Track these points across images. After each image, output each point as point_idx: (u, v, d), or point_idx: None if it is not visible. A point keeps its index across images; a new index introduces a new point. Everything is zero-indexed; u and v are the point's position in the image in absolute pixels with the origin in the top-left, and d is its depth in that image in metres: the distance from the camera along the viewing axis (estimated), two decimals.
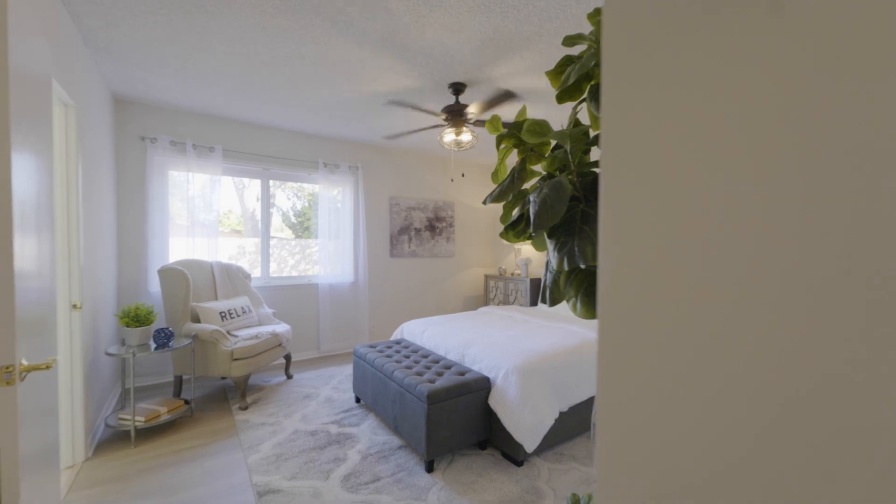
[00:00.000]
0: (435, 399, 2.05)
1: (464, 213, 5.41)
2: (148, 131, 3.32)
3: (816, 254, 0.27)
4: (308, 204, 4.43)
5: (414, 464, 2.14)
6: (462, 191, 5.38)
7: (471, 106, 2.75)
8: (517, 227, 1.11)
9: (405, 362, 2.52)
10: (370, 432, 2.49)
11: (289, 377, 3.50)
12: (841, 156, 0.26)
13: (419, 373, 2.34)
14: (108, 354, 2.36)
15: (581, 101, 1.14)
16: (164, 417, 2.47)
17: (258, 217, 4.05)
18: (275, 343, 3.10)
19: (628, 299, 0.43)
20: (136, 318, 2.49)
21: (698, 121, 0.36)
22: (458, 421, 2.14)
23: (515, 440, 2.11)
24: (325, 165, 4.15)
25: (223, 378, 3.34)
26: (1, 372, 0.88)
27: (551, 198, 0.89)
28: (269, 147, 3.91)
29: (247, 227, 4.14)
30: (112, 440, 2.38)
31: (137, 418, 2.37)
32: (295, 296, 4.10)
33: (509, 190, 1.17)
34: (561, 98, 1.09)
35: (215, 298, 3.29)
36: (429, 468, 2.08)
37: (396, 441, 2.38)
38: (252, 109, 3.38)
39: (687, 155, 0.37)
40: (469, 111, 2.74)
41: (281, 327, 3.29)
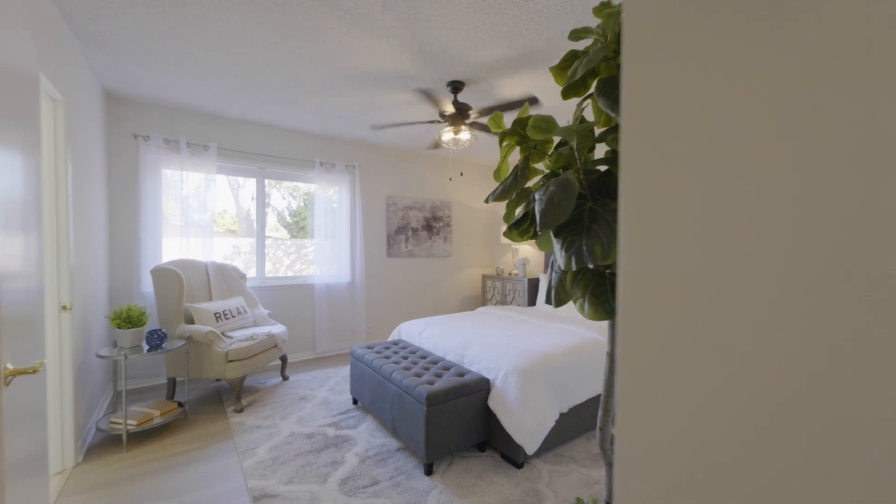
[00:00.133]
0: (434, 401, 2.02)
1: (461, 213, 5.38)
2: (141, 129, 3.26)
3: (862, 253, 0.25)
4: (304, 204, 4.38)
5: (413, 466, 2.11)
6: (459, 190, 5.35)
7: (472, 108, 2.72)
8: (521, 226, 1.09)
9: (403, 363, 2.49)
10: (368, 434, 2.46)
11: (285, 379, 3.45)
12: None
13: (418, 374, 2.31)
14: (100, 357, 2.30)
15: (586, 97, 1.12)
16: (157, 421, 2.42)
17: (253, 216, 4.00)
18: (270, 344, 3.06)
19: (652, 300, 0.41)
20: (128, 320, 2.44)
21: (735, 112, 0.33)
22: (458, 423, 2.11)
23: (515, 442, 2.09)
24: (322, 164, 4.11)
25: (218, 380, 3.29)
26: None
27: (558, 195, 0.87)
28: (265, 146, 3.86)
29: (242, 227, 4.08)
30: (103, 444, 2.33)
31: (129, 422, 2.32)
32: (291, 296, 4.06)
33: (512, 188, 1.15)
34: (566, 94, 1.07)
35: (210, 299, 3.24)
36: (428, 471, 2.05)
37: (395, 443, 2.35)
38: (248, 107, 3.33)
39: (720, 150, 0.35)
40: (471, 112, 2.71)
41: (277, 328, 3.24)
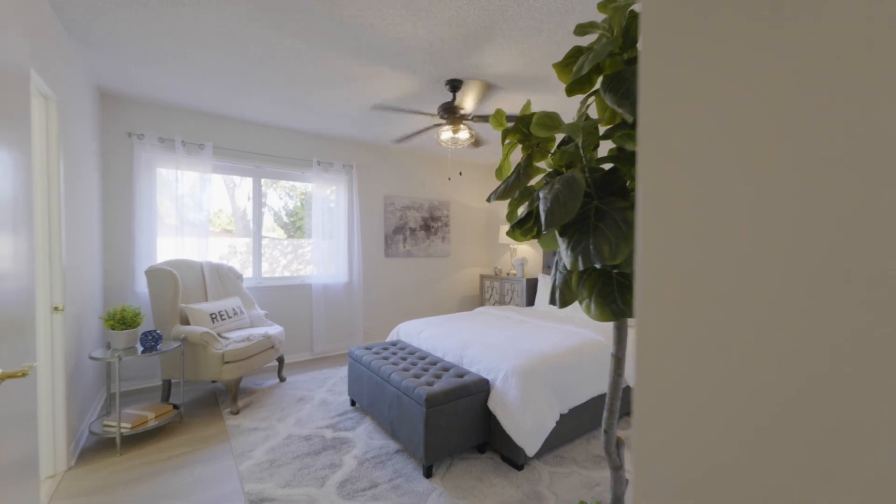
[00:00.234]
0: (434, 402, 2.00)
1: (459, 213, 5.36)
2: (135, 127, 3.21)
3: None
4: (300, 203, 4.35)
5: (412, 469, 2.09)
6: (457, 190, 5.33)
7: (467, 101, 2.69)
8: (525, 225, 1.07)
9: (402, 364, 2.47)
10: (366, 436, 2.43)
11: (282, 380, 3.42)
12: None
13: (417, 375, 2.28)
14: (93, 358, 2.26)
15: (591, 94, 1.10)
16: (152, 423, 2.38)
17: (249, 216, 3.96)
18: (267, 345, 3.02)
19: (671, 300, 0.39)
20: (122, 321, 2.40)
21: (762, 106, 0.31)
22: (458, 424, 2.09)
23: (515, 443, 2.07)
24: (319, 164, 4.07)
25: (213, 382, 3.25)
26: None
27: (564, 194, 0.84)
28: (262, 145, 3.82)
29: (238, 227, 4.04)
30: (96, 448, 2.29)
31: (123, 425, 2.28)
32: (288, 296, 4.02)
33: (515, 187, 1.13)
34: (571, 90, 1.05)
35: (205, 299, 3.20)
36: (427, 473, 2.02)
37: (393, 445, 2.33)
38: (244, 106, 3.29)
39: (744, 145, 0.33)
40: (466, 109, 2.69)
41: (273, 329, 3.21)
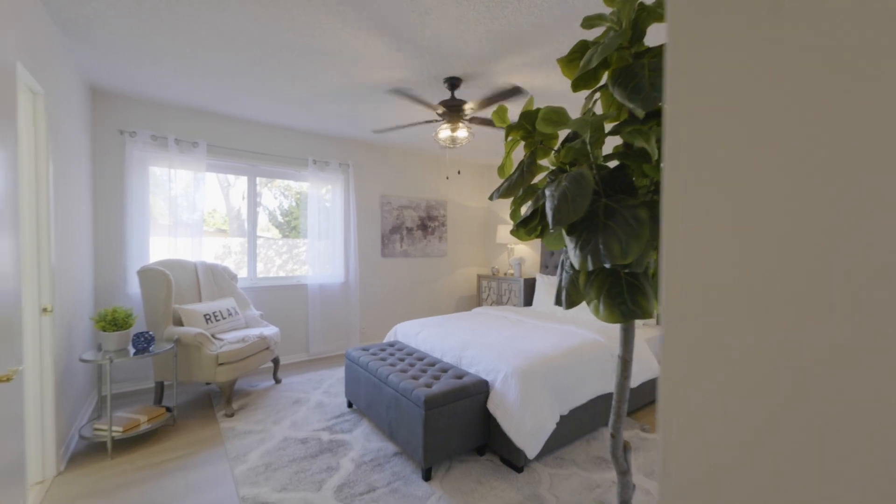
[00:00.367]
0: (432, 404, 1.97)
1: (456, 212, 5.33)
2: (127, 125, 3.15)
3: None
4: (295, 203, 4.30)
5: (410, 472, 2.06)
6: (455, 189, 5.30)
7: (468, 102, 2.67)
8: (530, 224, 1.04)
9: (400, 365, 2.43)
10: (364, 439, 2.40)
11: (277, 381, 3.37)
12: None
13: (415, 376, 2.25)
14: (83, 361, 2.21)
15: (597, 90, 1.07)
16: (144, 427, 2.33)
17: (244, 216, 3.90)
18: (262, 346, 2.98)
19: (700, 303, 0.37)
20: (114, 322, 2.35)
21: (802, 99, 0.29)
22: (457, 426, 2.06)
23: (515, 445, 2.04)
24: (315, 163, 4.03)
25: (208, 384, 3.19)
26: None
27: (572, 191, 0.82)
28: (257, 143, 3.77)
29: (232, 227, 3.99)
30: (87, 452, 2.23)
31: (115, 428, 2.23)
32: (283, 297, 3.97)
33: (518, 184, 1.10)
34: (577, 86, 1.02)
35: (199, 300, 3.14)
36: (426, 476, 1.99)
37: (391, 448, 2.29)
38: (239, 103, 3.24)
39: (780, 141, 0.31)
40: (467, 107, 2.66)
41: (269, 330, 3.16)
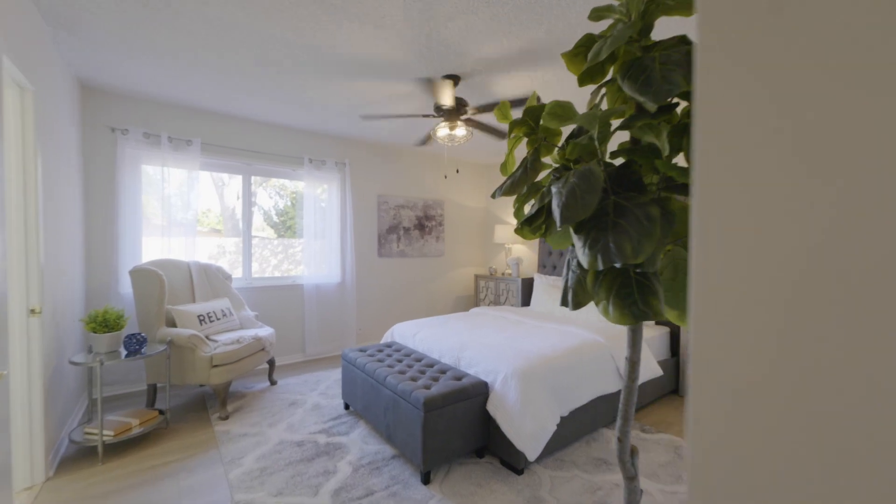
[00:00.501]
0: (432, 406, 1.93)
1: (453, 212, 5.30)
2: (119, 122, 3.09)
3: None
4: (291, 203, 4.25)
5: (409, 475, 2.03)
6: (452, 189, 5.27)
7: (467, 101, 2.64)
8: (535, 222, 1.02)
9: (398, 367, 2.40)
10: (361, 441, 2.36)
11: (272, 383, 3.32)
12: None
13: (413, 378, 2.22)
14: (73, 363, 2.16)
15: (603, 84, 1.05)
16: (136, 430, 2.28)
17: (239, 215, 3.85)
18: (257, 348, 2.93)
19: (732, 304, 0.35)
20: (105, 323, 2.29)
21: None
22: (456, 428, 2.03)
23: (515, 447, 2.02)
24: (311, 161, 3.98)
25: (201, 386, 3.14)
26: None
27: (581, 187, 0.79)
28: (252, 141, 3.72)
29: (227, 227, 3.93)
30: (77, 457, 2.18)
31: (105, 432, 2.18)
32: (278, 297, 3.92)
33: (522, 182, 1.07)
34: (583, 80, 1.00)
35: (193, 301, 3.09)
36: (425, 479, 1.96)
37: (389, 450, 2.26)
38: (234, 101, 3.19)
39: (829, 141, 0.29)
40: (465, 106, 2.63)
41: (264, 331, 3.11)
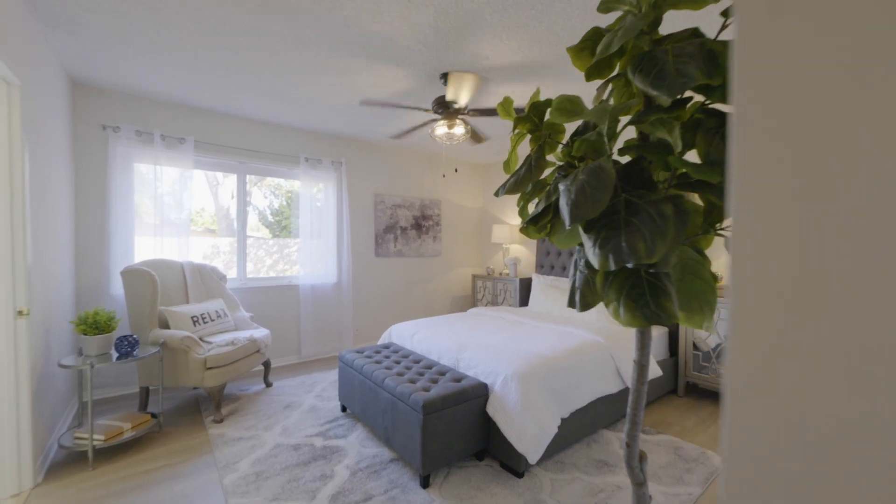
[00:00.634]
0: (431, 409, 1.90)
1: (451, 212, 5.27)
2: (110, 119, 3.03)
3: None
4: (286, 203, 4.20)
5: (408, 479, 1.99)
6: (450, 189, 5.24)
7: (461, 95, 2.61)
8: (541, 221, 0.99)
9: (396, 368, 2.37)
10: (359, 444, 2.32)
11: (268, 385, 3.27)
12: None
13: (412, 380, 2.19)
14: (62, 366, 2.10)
15: (610, 80, 1.02)
16: (128, 435, 2.22)
17: (233, 215, 3.80)
18: (253, 349, 2.88)
19: (777, 305, 0.32)
20: (95, 325, 2.24)
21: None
22: (456, 431, 2.00)
23: (515, 450, 1.99)
24: (307, 160, 3.93)
25: (195, 388, 3.09)
26: None
27: (591, 184, 0.76)
28: (247, 140, 3.67)
29: (221, 226, 3.87)
30: (66, 462, 2.12)
31: (96, 436, 2.12)
32: (274, 297, 3.87)
33: (526, 180, 1.04)
34: (590, 74, 0.97)
35: (186, 302, 3.03)
36: (424, 483, 1.93)
37: (388, 454, 2.22)
38: (228, 98, 3.14)
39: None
40: (460, 103, 2.60)
41: (259, 332, 3.06)
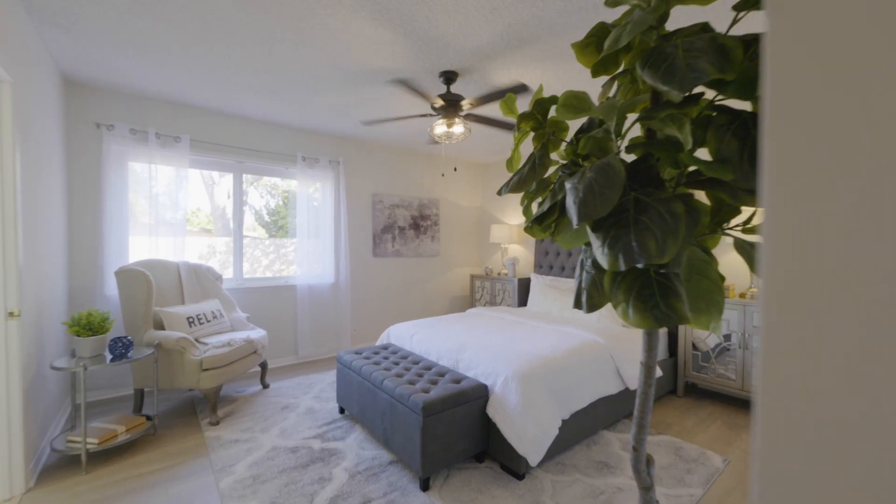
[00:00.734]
0: (430, 410, 1.88)
1: (449, 212, 5.25)
2: (104, 117, 2.99)
3: None
4: (283, 202, 4.16)
5: (407, 481, 1.97)
6: (447, 188, 5.22)
7: (465, 98, 2.59)
8: (547, 220, 0.97)
9: (395, 370, 2.34)
10: (357, 447, 2.30)
11: (265, 387, 3.24)
12: None
13: (411, 381, 2.16)
14: (55, 368, 2.06)
15: (615, 76, 1.00)
16: (122, 438, 2.19)
17: (229, 215, 3.75)
18: (249, 350, 2.85)
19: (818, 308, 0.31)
20: (88, 327, 2.20)
21: None
22: (456, 433, 1.98)
23: (515, 452, 1.97)
24: (304, 159, 3.90)
25: (191, 390, 3.05)
26: None
27: (600, 182, 0.74)
28: (243, 138, 3.63)
29: (217, 226, 3.83)
30: (59, 466, 2.08)
31: (90, 440, 2.08)
32: (271, 298, 3.83)
33: (530, 178, 1.02)
34: (597, 71, 0.95)
35: (182, 302, 2.99)
36: (424, 486, 1.91)
37: (387, 456, 2.20)
38: (224, 96, 3.10)
39: None
40: (464, 103, 2.58)
41: (256, 333, 3.03)
